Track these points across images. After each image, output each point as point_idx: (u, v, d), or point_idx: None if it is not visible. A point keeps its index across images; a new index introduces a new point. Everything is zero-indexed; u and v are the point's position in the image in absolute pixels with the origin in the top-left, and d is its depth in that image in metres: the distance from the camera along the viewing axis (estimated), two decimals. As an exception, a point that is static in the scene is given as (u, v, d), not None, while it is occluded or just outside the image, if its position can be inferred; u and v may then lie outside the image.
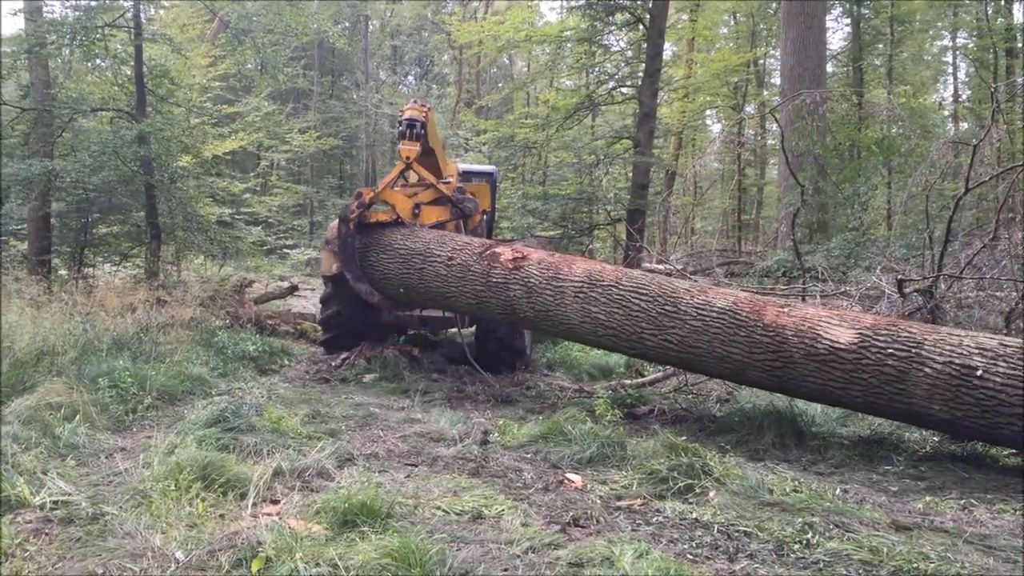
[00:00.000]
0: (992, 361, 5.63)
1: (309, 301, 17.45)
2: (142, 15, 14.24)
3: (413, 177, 10.40)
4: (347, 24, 40.18)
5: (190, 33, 23.79)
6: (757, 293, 8.39)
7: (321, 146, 32.43)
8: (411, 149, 9.73)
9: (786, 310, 6.74)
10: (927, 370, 5.81)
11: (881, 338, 6.10)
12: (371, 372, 9.43)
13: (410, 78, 49.72)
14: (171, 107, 14.78)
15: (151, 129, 12.85)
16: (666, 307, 7.21)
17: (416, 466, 5.48)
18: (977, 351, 5.72)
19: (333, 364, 9.99)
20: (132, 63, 13.59)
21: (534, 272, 8.16)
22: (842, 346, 6.22)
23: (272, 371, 9.67)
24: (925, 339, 5.98)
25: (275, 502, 4.46)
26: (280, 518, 4.12)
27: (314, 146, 31.83)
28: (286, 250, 24.30)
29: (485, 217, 11.04)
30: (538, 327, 8.68)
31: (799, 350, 6.42)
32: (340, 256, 9.70)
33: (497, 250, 8.67)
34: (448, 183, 10.46)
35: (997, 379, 5.54)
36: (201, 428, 5.74)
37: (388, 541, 3.70)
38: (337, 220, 9.96)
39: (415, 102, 10.20)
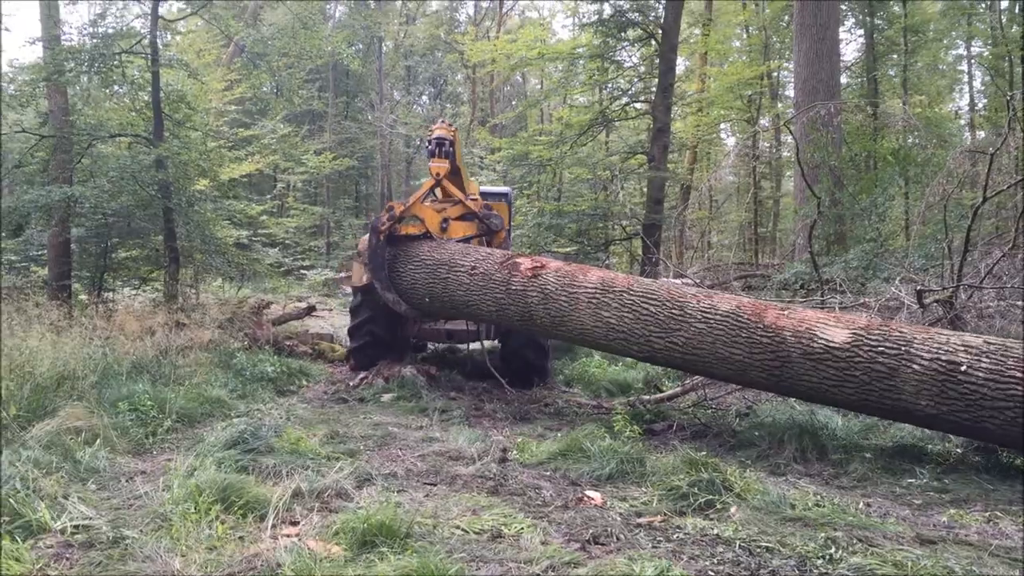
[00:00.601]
0: (976, 358, 5.83)
1: (327, 322, 17.52)
2: (159, 41, 14.41)
3: (438, 193, 10.80)
4: (361, 46, 40.47)
5: (206, 58, 24.05)
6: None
7: (337, 167, 32.67)
8: (441, 166, 10.15)
9: (786, 312, 6.99)
10: (915, 367, 6.03)
11: (873, 337, 6.34)
12: (389, 391, 9.44)
13: (424, 98, 50.03)
14: (188, 131, 14.90)
15: (168, 153, 12.96)
16: (673, 311, 7.48)
17: (435, 485, 5.47)
18: (963, 348, 5.94)
19: (351, 384, 10.02)
20: (149, 89, 13.72)
21: (551, 280, 8.48)
22: (836, 345, 6.45)
23: (290, 392, 9.69)
24: (914, 338, 6.20)
25: (294, 523, 4.45)
26: (299, 540, 4.12)
27: (330, 167, 32.06)
28: (303, 271, 24.42)
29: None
30: (553, 333, 8.87)
31: (796, 350, 6.66)
32: (370, 265, 10.03)
33: (518, 260, 9.02)
34: (475, 200, 10.84)
35: (980, 374, 5.75)
36: (220, 450, 5.74)
37: (407, 561, 3.69)
38: (368, 233, 10.30)
39: (443, 122, 10.66)
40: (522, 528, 4.45)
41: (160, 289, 14.25)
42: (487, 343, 11.56)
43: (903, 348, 6.15)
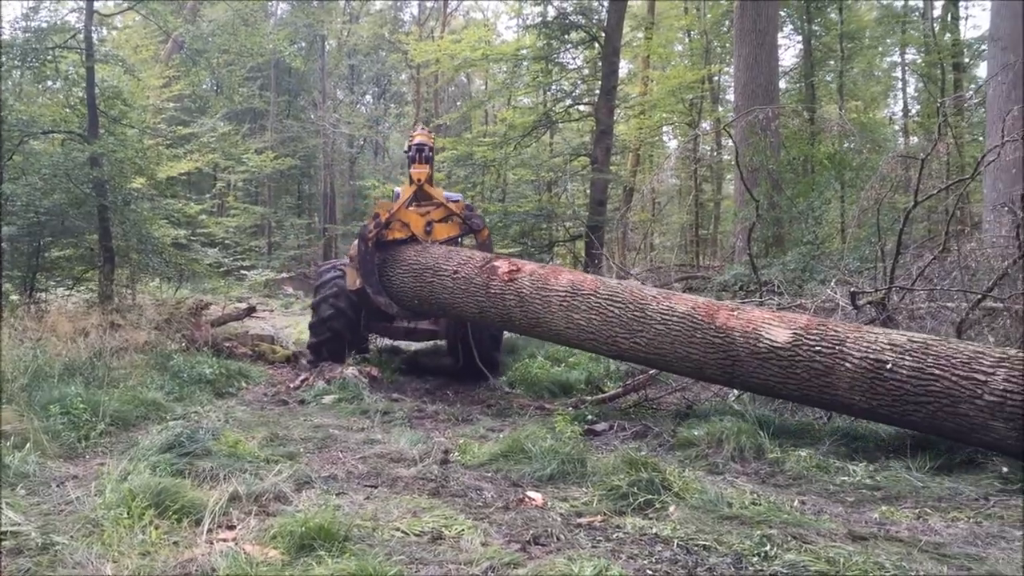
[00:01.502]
0: (900, 356, 6.24)
1: (268, 323, 17.32)
2: (94, 36, 14.07)
3: (400, 195, 11.15)
4: (303, 44, 40.07)
5: (143, 54, 23.56)
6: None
7: (278, 166, 32.29)
8: (422, 172, 10.76)
9: (735, 313, 7.38)
10: (848, 365, 6.47)
11: (812, 337, 6.77)
12: (330, 393, 9.35)
13: (368, 97, 49.71)
14: (124, 128, 14.57)
15: (104, 151, 12.66)
16: (635, 313, 7.96)
17: (376, 487, 5.43)
18: (888, 347, 6.35)
19: (291, 386, 9.93)
20: (84, 84, 13.40)
21: (526, 284, 8.96)
22: (780, 345, 6.90)
23: (229, 394, 9.54)
24: (847, 337, 6.61)
25: (231, 527, 4.39)
26: (236, 544, 4.05)
27: (271, 166, 31.68)
28: (244, 271, 24.06)
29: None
30: (531, 333, 9.46)
31: (745, 349, 7.09)
32: (360, 271, 10.48)
33: (495, 263, 9.45)
34: (457, 202, 11.40)
35: (904, 372, 6.17)
36: (155, 454, 5.63)
37: (345, 564, 3.66)
38: (357, 239, 10.78)
39: (423, 128, 11.38)
40: (463, 529, 4.44)
41: (94, 289, 13.90)
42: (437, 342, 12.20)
43: (837, 347, 6.56)
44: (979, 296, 8.33)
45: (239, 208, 31.85)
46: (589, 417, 7.95)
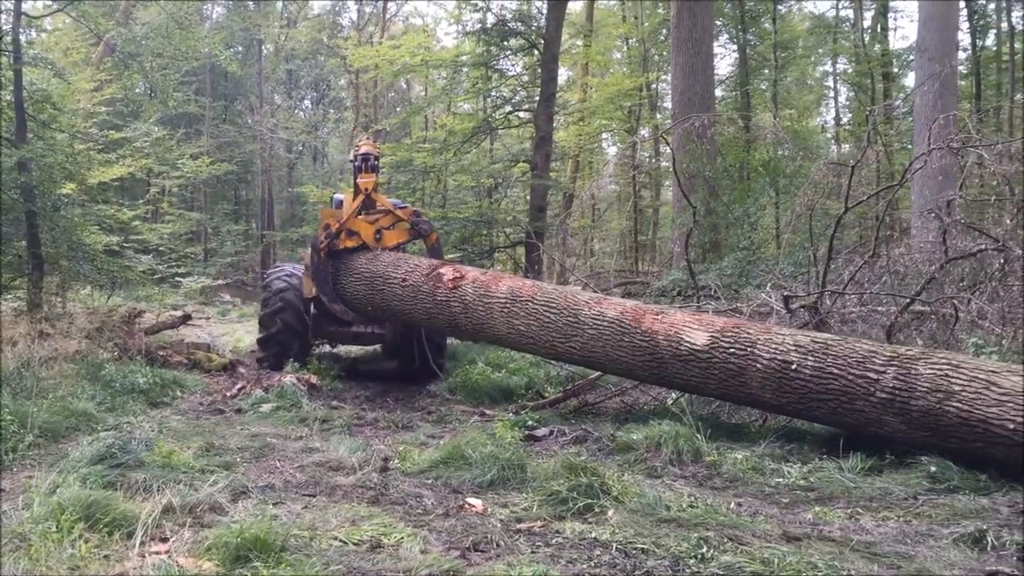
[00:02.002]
0: (804, 356, 6.62)
1: (204, 331, 17.00)
2: (22, 39, 13.70)
3: (348, 201, 11.37)
4: (240, 48, 39.54)
5: (74, 57, 23.04)
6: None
7: (214, 172, 31.75)
8: (369, 181, 11.04)
9: (659, 317, 7.73)
10: (758, 365, 6.85)
11: (727, 339, 7.14)
12: (268, 401, 9.21)
13: (306, 102, 49.22)
14: (54, 133, 14.19)
15: (32, 155, 12.31)
16: (569, 319, 8.28)
17: (314, 496, 5.37)
18: (794, 348, 6.73)
19: (228, 394, 9.77)
20: (11, 88, 13.02)
21: (469, 291, 9.25)
22: (699, 348, 7.26)
23: (164, 404, 9.33)
24: (758, 339, 6.98)
25: (164, 540, 4.29)
26: (169, 557, 3.97)
27: (207, 172, 31.14)
28: (179, 278, 23.58)
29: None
30: (478, 338, 10.04)
31: (668, 352, 7.46)
32: (315, 280, 10.83)
33: (441, 271, 9.75)
34: (404, 208, 11.69)
35: (807, 371, 6.56)
36: (86, 466, 5.48)
37: (281, 575, 3.60)
38: (310, 248, 11.06)
39: (368, 139, 11.83)
40: (402, 537, 4.41)
41: (22, 298, 13.50)
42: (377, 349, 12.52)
43: (748, 349, 6.95)
44: (908, 300, 8.56)
45: (174, 214, 31.26)
46: (529, 423, 7.96)
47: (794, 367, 6.60)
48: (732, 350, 7.03)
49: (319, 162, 46.18)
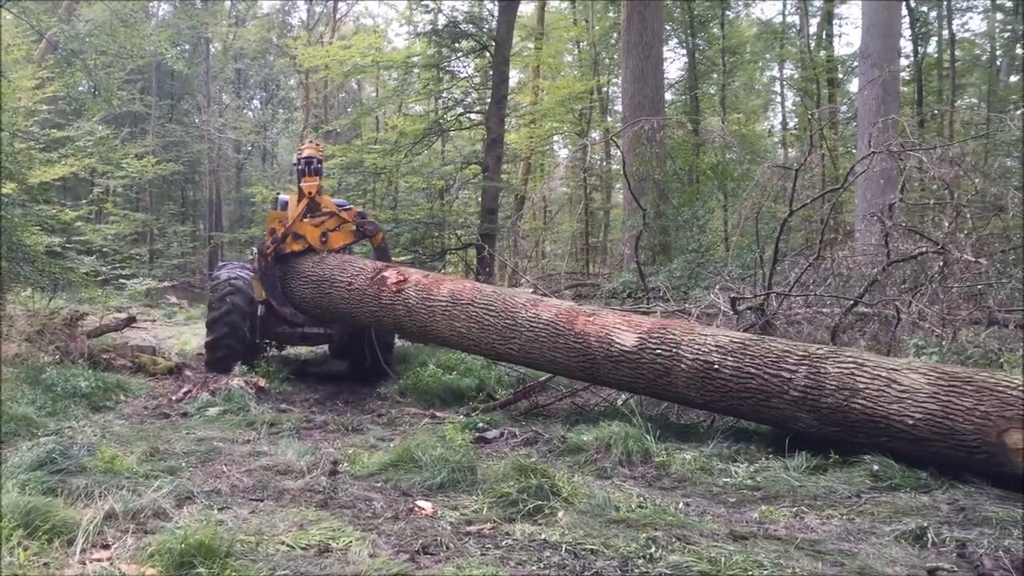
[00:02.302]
0: (724, 357, 6.86)
1: (149, 333, 16.72)
2: (-41, 34, 13.38)
3: (293, 204, 11.47)
4: (187, 46, 38.96)
5: (14, 54, 22.45)
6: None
7: (160, 172, 31.26)
8: (312, 184, 11.06)
9: (591, 319, 7.92)
10: (683, 365, 7.08)
11: (653, 340, 7.36)
12: (215, 405, 9.07)
13: (255, 102, 48.68)
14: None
15: (-31, 154, 12.04)
16: (507, 321, 8.51)
17: (261, 501, 5.29)
18: (715, 348, 6.96)
19: (174, 398, 9.61)
20: (-52, 84, 12.72)
21: (412, 294, 9.46)
22: (628, 349, 7.46)
23: (107, 408, 9.14)
24: (682, 339, 7.21)
25: (106, 547, 4.20)
26: (111, 564, 3.89)
27: (153, 172, 30.65)
28: (123, 280, 23.17)
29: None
30: (423, 340, 10.42)
31: (600, 353, 7.66)
32: (263, 284, 10.96)
33: (385, 274, 9.91)
34: (349, 210, 11.73)
35: (727, 371, 6.80)
36: (25, 471, 5.34)
37: (227, 581, 3.56)
38: (257, 253, 11.21)
39: (311, 142, 11.74)
40: (351, 541, 4.37)
41: (-40, 300, 13.18)
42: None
43: (674, 350, 7.18)
44: (851, 302, 8.71)
45: (119, 215, 30.71)
46: (480, 425, 7.94)
47: (716, 367, 6.83)
48: (659, 351, 7.27)
49: (268, 162, 45.70)
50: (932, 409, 5.74)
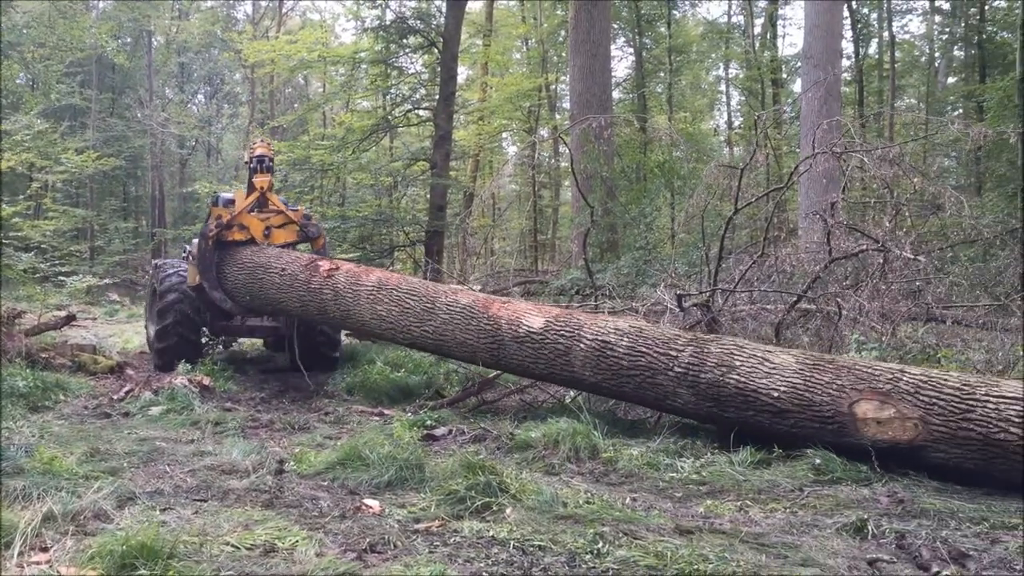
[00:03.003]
0: (620, 338, 7.44)
1: (90, 332, 16.39)
2: None
3: (240, 199, 11.63)
4: (128, 39, 38.20)
5: (-52, 44, 21.86)
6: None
7: (101, 167, 30.56)
8: (264, 180, 11.38)
9: (505, 305, 8.59)
10: (582, 346, 7.62)
11: (559, 323, 7.94)
12: (158, 404, 8.91)
13: (199, 97, 47.92)
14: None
15: (-100, 147, 11.68)
16: (427, 304, 9.00)
17: (205, 501, 5.22)
18: (614, 331, 7.55)
19: (115, 397, 9.44)
20: None
21: (341, 280, 9.87)
22: (535, 330, 8.02)
23: (46, 408, 8.93)
24: (585, 323, 7.80)
25: (45, 549, 4.11)
26: (50, 566, 3.81)
27: (93, 167, 29.94)
28: (62, 277, 22.65)
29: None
30: (343, 325, 10.68)
31: (508, 334, 8.21)
32: (199, 267, 11.03)
33: (319, 263, 10.28)
34: (296, 210, 12.03)
35: (621, 349, 7.37)
36: (-41, 474, 5.22)
37: (170, 583, 3.50)
38: (199, 237, 11.38)
39: (263, 141, 12.20)
40: (297, 540, 4.33)
41: None
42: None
43: (576, 331, 7.73)
44: (795, 298, 8.86)
45: (58, 210, 29.98)
46: (428, 422, 7.93)
47: (611, 346, 7.43)
48: (562, 332, 7.82)
49: (213, 158, 45.03)
50: (796, 383, 6.35)
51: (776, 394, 6.41)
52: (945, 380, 5.85)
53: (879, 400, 5.95)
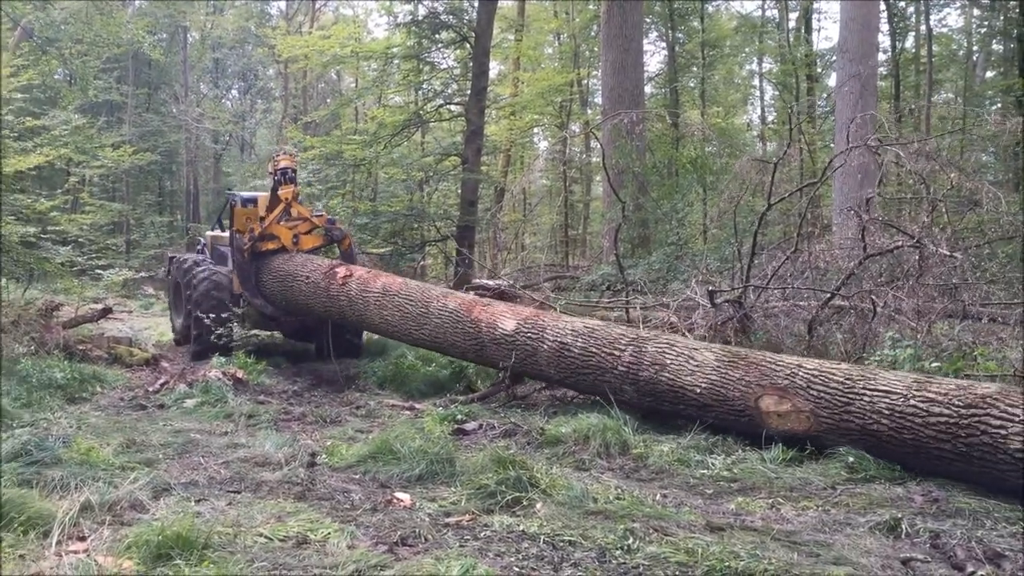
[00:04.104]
0: (576, 339, 8.12)
1: (126, 324, 16.60)
2: (-69, 20, 13.19)
3: (263, 203, 12.44)
4: (164, 35, 38.59)
5: (-12, 41, 22.20)
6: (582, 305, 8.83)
7: (137, 161, 30.91)
8: (289, 191, 12.11)
9: (486, 308, 9.20)
10: (545, 347, 8.34)
11: (528, 326, 8.62)
12: (192, 397, 9.02)
13: (233, 92, 48.29)
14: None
15: (-57, 143, 11.88)
16: (422, 310, 9.74)
17: (239, 492, 5.28)
18: (571, 332, 8.23)
19: (150, 389, 9.56)
20: (-80, 71, 12.54)
21: (354, 287, 10.63)
22: (508, 333, 8.73)
23: (83, 399, 9.08)
24: (547, 325, 8.50)
25: (82, 539, 4.18)
26: (87, 555, 3.87)
27: (129, 161, 30.31)
28: (99, 271, 22.94)
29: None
30: (361, 327, 11.69)
31: (488, 336, 8.91)
32: (239, 278, 11.97)
33: (337, 270, 11.01)
34: (320, 215, 12.90)
35: (576, 350, 8.06)
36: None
37: (204, 573, 3.55)
38: (234, 249, 12.19)
39: (287, 153, 12.97)
40: (329, 533, 4.37)
41: (-68, 290, 13.03)
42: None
43: (540, 333, 8.44)
44: (828, 295, 8.78)
45: (95, 205, 30.39)
46: (459, 416, 7.95)
47: (568, 347, 8.11)
48: (530, 334, 8.52)
49: (247, 153, 45.34)
50: (714, 379, 6.93)
51: (699, 390, 6.99)
52: (833, 374, 6.31)
53: (778, 395, 6.48)
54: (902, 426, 5.67)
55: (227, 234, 13.44)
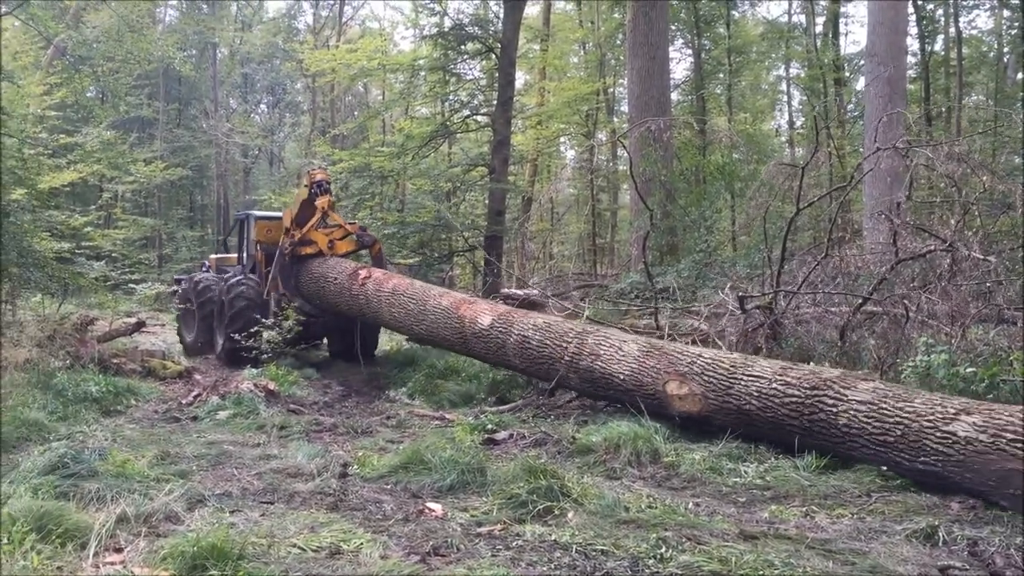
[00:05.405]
0: (535, 332, 9.04)
1: (158, 338, 16.77)
2: (-33, 41, 13.43)
3: (287, 216, 13.54)
4: (194, 51, 39.07)
5: (23, 61, 22.60)
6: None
7: (168, 176, 31.34)
8: (325, 200, 13.05)
9: (471, 306, 10.17)
10: (511, 339, 9.29)
11: (501, 322, 9.55)
12: (225, 409, 9.09)
13: (262, 106, 48.74)
14: (3, 138, 13.93)
15: (-21, 161, 12.08)
16: (421, 307, 10.78)
17: (272, 503, 5.32)
18: (532, 328, 9.14)
19: (184, 402, 9.65)
20: (-43, 91, 12.77)
21: (370, 287, 11.78)
22: (484, 328, 9.69)
23: (118, 412, 9.18)
24: (515, 322, 9.38)
25: (119, 550, 4.23)
26: (124, 567, 3.92)
27: (161, 177, 30.71)
28: (132, 285, 23.22)
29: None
30: (376, 323, 12.77)
31: (470, 331, 9.90)
32: (280, 279, 13.12)
33: (359, 272, 12.14)
34: (353, 223, 13.98)
35: (535, 343, 9.00)
36: (37, 476, 5.38)
37: (240, 583, 3.57)
38: (277, 254, 13.33)
39: (320, 167, 14.47)
40: (362, 543, 4.39)
41: (-29, 306, 13.23)
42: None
43: (509, 328, 9.36)
44: (860, 300, 8.69)
45: (127, 220, 30.80)
46: (489, 426, 7.95)
47: (529, 340, 9.05)
48: (502, 329, 9.44)
49: (276, 167, 45.74)
50: (634, 367, 7.85)
51: (622, 376, 7.92)
52: (721, 362, 7.23)
53: (679, 380, 7.38)
54: (766, 406, 6.63)
55: (234, 255, 15.06)
